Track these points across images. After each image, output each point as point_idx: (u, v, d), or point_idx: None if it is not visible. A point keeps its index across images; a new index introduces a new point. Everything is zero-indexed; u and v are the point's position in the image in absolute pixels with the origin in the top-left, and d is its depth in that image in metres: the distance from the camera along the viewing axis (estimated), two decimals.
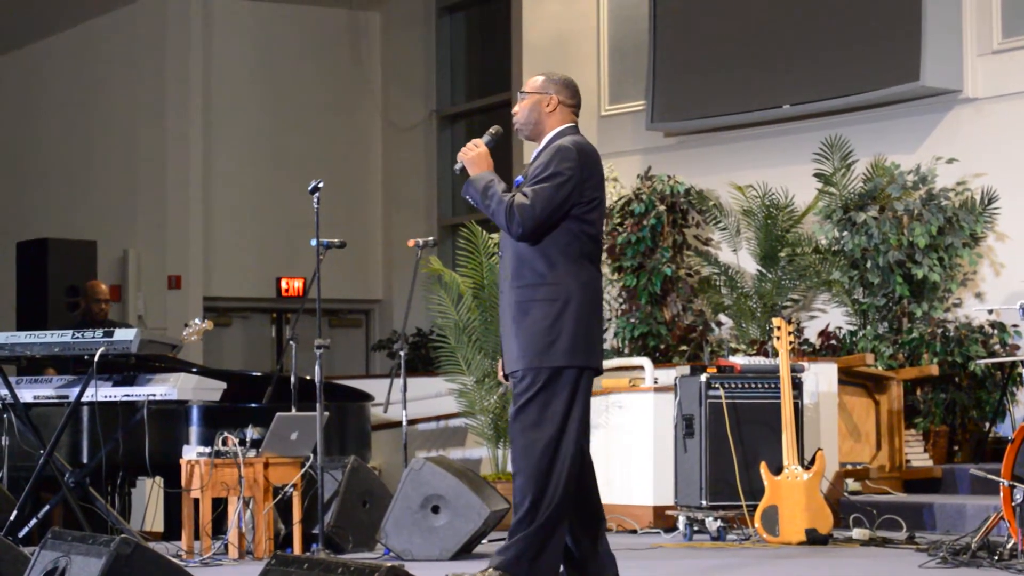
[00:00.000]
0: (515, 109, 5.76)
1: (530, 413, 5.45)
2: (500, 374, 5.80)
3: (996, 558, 6.69)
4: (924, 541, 7.90)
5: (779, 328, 8.48)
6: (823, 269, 10.87)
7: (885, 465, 9.82)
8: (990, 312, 10.26)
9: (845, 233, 10.61)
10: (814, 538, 8.09)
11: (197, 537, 7.64)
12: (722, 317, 11.56)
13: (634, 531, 9.05)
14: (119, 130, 16.55)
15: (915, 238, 10.27)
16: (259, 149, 16.66)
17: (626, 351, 11.62)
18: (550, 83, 5.70)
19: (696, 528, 8.59)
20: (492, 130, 5.81)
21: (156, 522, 9.16)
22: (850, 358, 9.99)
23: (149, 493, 8.84)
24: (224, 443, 7.63)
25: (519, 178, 5.64)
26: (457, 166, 5.70)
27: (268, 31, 16.84)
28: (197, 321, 9.38)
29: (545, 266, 5.48)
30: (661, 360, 11.14)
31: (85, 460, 8.24)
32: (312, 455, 7.71)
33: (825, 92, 11.20)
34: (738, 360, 8.78)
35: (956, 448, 10.33)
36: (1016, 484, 6.64)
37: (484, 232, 10.18)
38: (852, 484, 9.44)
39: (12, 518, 7.75)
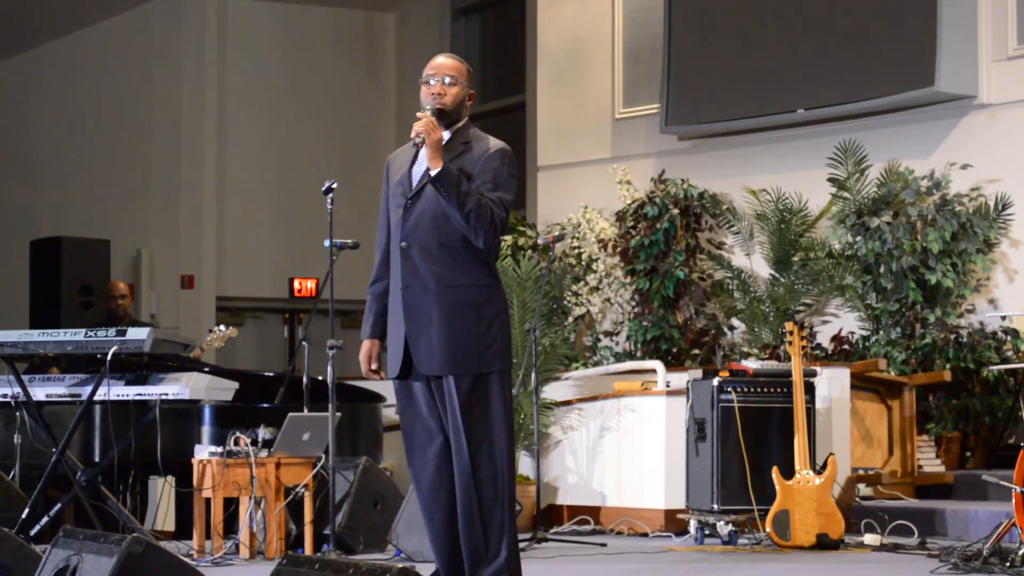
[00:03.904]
0: (441, 90, 5.46)
1: (483, 421, 5.40)
2: (372, 366, 5.61)
3: (1008, 564, 6.68)
4: (936, 547, 7.88)
5: (792, 333, 8.47)
6: (836, 274, 10.85)
7: (897, 470, 9.81)
8: (1003, 318, 10.24)
9: (859, 238, 10.59)
10: (825, 543, 8.08)
11: (208, 537, 7.65)
12: (735, 321, 11.55)
13: (645, 534, 9.05)
14: (134, 129, 16.56)
15: (929, 243, 10.25)
16: (273, 150, 16.67)
17: (638, 354, 11.61)
18: (471, 77, 5.57)
19: (707, 532, 8.58)
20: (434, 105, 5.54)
21: (168, 521, 9.17)
22: (863, 363, 9.97)
23: (161, 492, 8.85)
24: (236, 443, 7.64)
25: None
26: (419, 139, 5.39)
27: (283, 32, 16.85)
28: (222, 328, 9.41)
29: (481, 270, 5.45)
30: (673, 363, 11.13)
31: (97, 459, 8.25)
32: (324, 456, 7.71)
33: (840, 97, 11.18)
34: (750, 364, 8.77)
35: (968, 454, 10.31)
36: None
37: None
38: (864, 489, 9.42)
39: (24, 516, 7.77)
